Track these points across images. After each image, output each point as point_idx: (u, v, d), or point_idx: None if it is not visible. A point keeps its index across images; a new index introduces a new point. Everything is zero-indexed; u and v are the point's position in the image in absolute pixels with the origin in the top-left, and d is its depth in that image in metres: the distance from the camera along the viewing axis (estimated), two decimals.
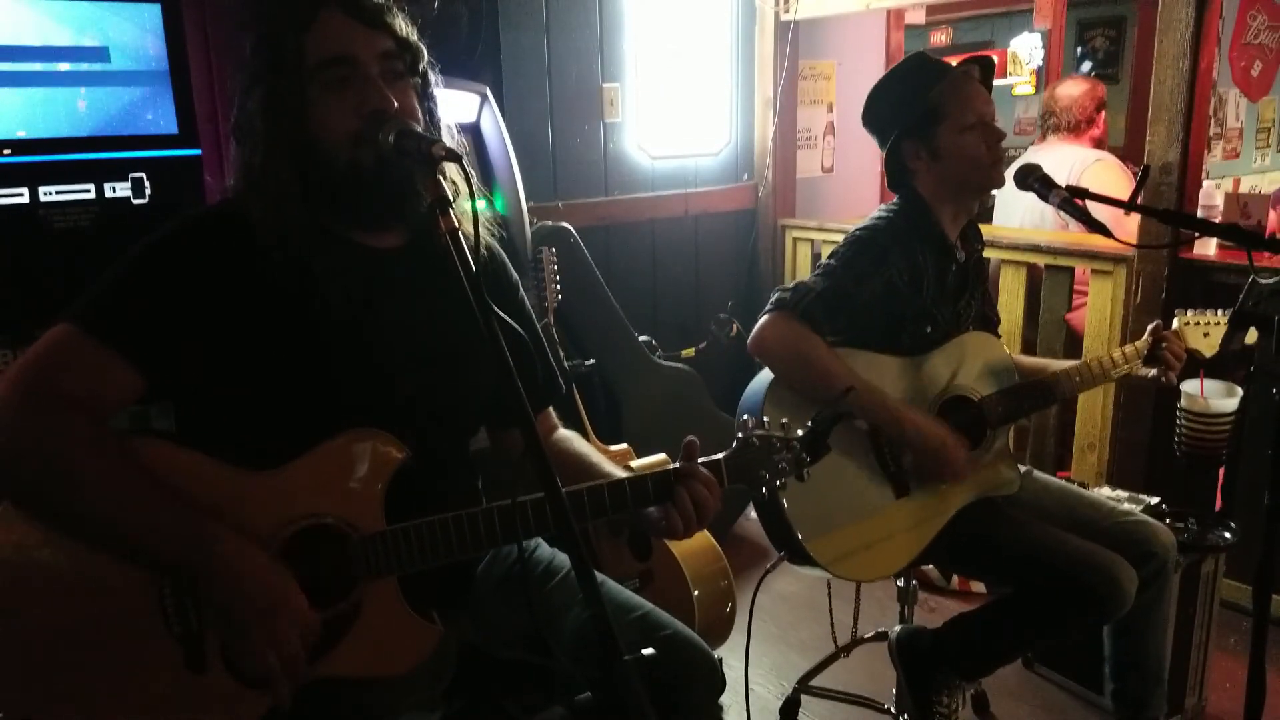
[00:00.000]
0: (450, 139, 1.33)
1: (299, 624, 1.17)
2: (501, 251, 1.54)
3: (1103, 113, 3.65)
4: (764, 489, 1.37)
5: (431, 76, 1.37)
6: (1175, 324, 2.07)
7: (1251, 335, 1.94)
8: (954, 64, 2.02)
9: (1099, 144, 3.64)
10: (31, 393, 1.15)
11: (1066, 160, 3.46)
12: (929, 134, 1.97)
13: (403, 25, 1.31)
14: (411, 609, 1.28)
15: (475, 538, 1.26)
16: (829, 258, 1.98)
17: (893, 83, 2.05)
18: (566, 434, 1.58)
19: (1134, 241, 2.85)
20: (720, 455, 1.37)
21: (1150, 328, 2.06)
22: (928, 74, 1.97)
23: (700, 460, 1.34)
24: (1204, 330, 2.06)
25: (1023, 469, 2.11)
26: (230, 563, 1.14)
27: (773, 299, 1.92)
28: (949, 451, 1.87)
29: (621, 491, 1.31)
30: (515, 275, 1.56)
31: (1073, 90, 3.64)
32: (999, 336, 2.20)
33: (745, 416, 1.41)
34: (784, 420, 1.42)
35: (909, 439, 1.87)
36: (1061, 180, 3.33)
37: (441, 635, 1.30)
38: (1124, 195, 1.78)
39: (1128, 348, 2.06)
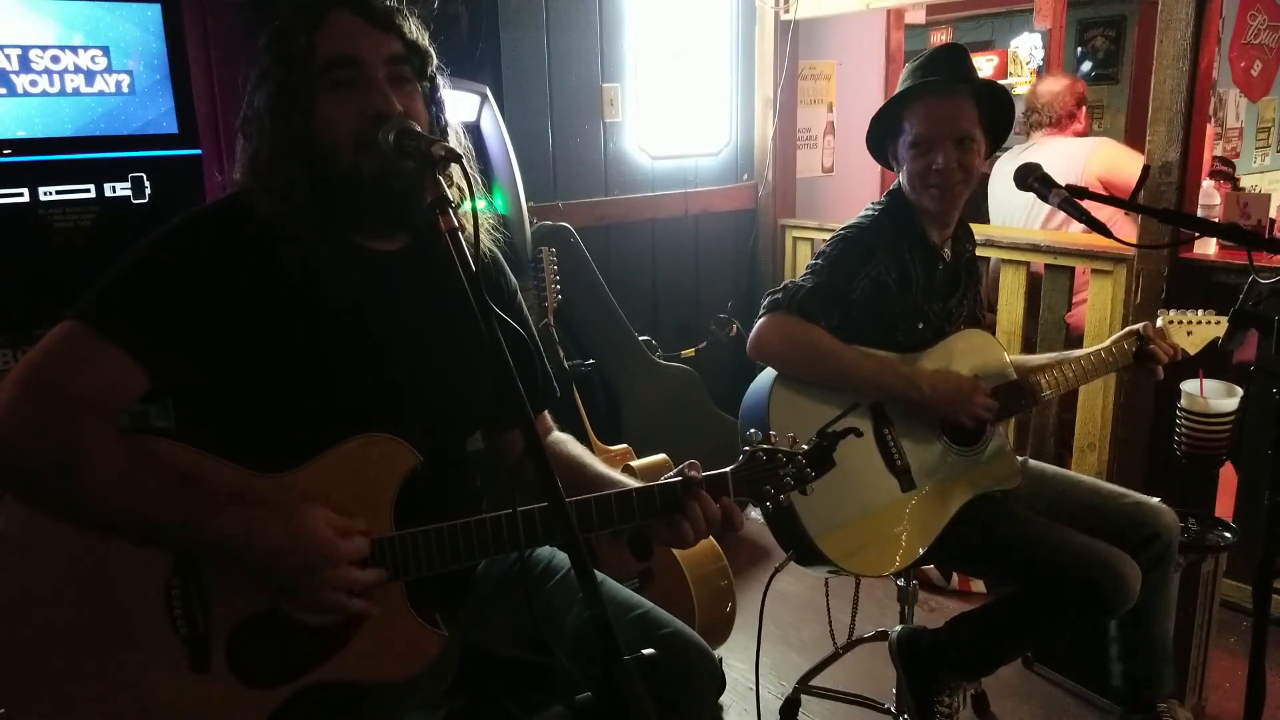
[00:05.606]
0: (457, 143, 1.32)
1: (343, 550, 1.17)
2: (500, 257, 1.55)
3: (1083, 108, 3.67)
4: (768, 503, 1.38)
5: (440, 81, 1.37)
6: (1159, 323, 2.08)
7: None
8: (979, 79, 1.99)
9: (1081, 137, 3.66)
10: (39, 391, 1.14)
11: (1067, 151, 3.48)
12: (893, 144, 2.00)
13: (412, 29, 1.31)
14: (415, 611, 1.28)
15: (483, 544, 1.27)
16: (816, 257, 2.00)
17: (903, 76, 2.03)
18: (561, 436, 1.58)
19: (1134, 240, 2.85)
20: (728, 469, 1.37)
21: (1137, 329, 2.07)
22: (902, 86, 1.97)
23: (706, 474, 1.34)
24: (1187, 329, 2.06)
25: (1020, 459, 2.11)
26: (261, 525, 1.15)
27: (765, 302, 1.94)
28: (966, 388, 1.90)
29: (629, 503, 1.31)
30: (514, 280, 1.56)
31: (1053, 87, 3.66)
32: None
33: (751, 430, 1.41)
34: (791, 434, 1.43)
35: (926, 398, 1.88)
36: (1072, 170, 3.35)
37: (446, 641, 1.31)
38: (1135, 170, 1.78)
39: (1114, 344, 2.07)
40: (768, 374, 1.95)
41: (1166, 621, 2.07)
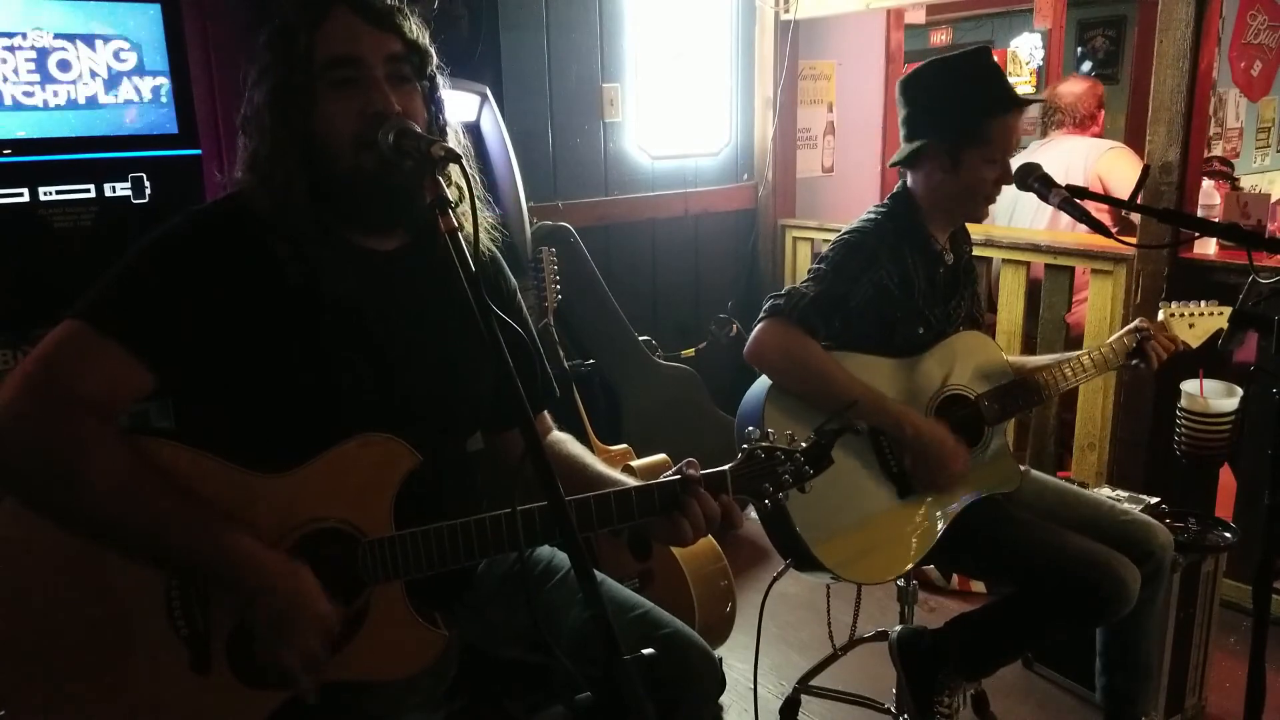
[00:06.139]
0: (456, 143, 1.33)
1: (320, 623, 1.17)
2: (500, 256, 1.55)
3: (1102, 109, 3.70)
4: (766, 500, 1.37)
5: (439, 80, 1.37)
6: (1160, 316, 2.08)
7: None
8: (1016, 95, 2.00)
9: (1099, 138, 3.69)
10: (41, 392, 1.14)
11: (1078, 151, 3.50)
12: (959, 148, 1.94)
13: (413, 28, 1.31)
14: (415, 610, 1.28)
15: (483, 544, 1.26)
16: (818, 262, 1.99)
17: (959, 80, 1.98)
18: (561, 436, 1.58)
19: (1135, 240, 2.85)
20: (726, 467, 1.36)
21: (1135, 324, 2.06)
22: (997, 98, 1.94)
23: (705, 472, 1.34)
24: (1189, 321, 2.06)
25: (1021, 469, 2.11)
26: (248, 562, 1.14)
27: (766, 306, 1.92)
28: (949, 452, 1.87)
29: (628, 502, 1.31)
30: (513, 281, 1.56)
31: (1075, 88, 3.71)
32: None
33: (750, 428, 1.41)
34: (789, 432, 1.42)
35: (909, 441, 1.87)
36: (1076, 169, 3.36)
37: (446, 640, 1.31)
38: (1133, 180, 1.79)
39: (1115, 342, 2.06)
40: (765, 378, 1.94)
41: (1151, 641, 2.07)
